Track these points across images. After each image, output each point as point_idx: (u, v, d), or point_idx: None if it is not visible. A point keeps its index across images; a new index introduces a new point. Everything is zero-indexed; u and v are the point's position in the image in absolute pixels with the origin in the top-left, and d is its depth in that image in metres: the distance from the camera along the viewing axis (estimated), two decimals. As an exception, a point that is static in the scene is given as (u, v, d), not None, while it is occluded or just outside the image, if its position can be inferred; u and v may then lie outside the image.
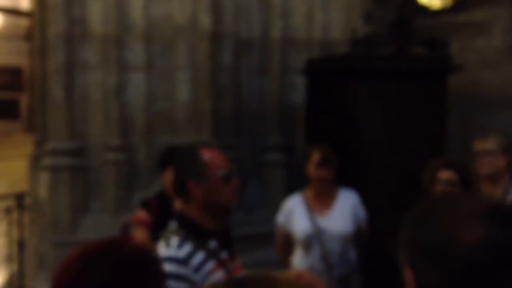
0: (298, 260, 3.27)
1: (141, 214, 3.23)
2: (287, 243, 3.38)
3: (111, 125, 5.24)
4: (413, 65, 4.70)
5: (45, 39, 5.49)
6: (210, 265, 1.96)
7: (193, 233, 1.99)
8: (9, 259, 5.12)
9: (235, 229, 5.41)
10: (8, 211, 5.01)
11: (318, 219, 3.23)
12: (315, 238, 3.19)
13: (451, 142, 4.92)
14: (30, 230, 5.45)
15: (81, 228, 5.11)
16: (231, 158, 5.50)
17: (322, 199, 3.31)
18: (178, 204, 3.15)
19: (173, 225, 2.04)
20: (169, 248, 1.94)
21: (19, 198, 5.02)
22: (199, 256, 1.95)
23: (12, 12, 18.85)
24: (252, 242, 5.07)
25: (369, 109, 4.60)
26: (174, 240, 1.97)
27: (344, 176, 4.24)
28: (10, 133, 17.85)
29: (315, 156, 3.27)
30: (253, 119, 5.75)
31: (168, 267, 1.84)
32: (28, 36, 15.25)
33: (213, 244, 2.01)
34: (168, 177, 3.21)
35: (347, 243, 3.24)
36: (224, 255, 2.03)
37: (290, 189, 4.66)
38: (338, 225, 3.22)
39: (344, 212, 3.27)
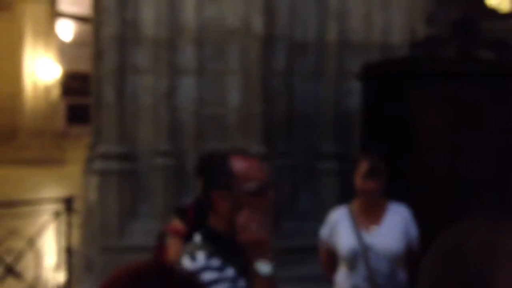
0: (342, 278, 3.02)
1: (177, 224, 3.08)
2: (331, 259, 3.13)
3: (161, 129, 5.16)
4: (478, 68, 4.35)
5: (98, 42, 5.48)
6: (242, 283, 1.78)
7: (222, 248, 1.81)
8: (57, 263, 5.09)
9: (284, 240, 5.25)
10: (57, 214, 4.98)
11: (365, 235, 2.96)
12: (361, 255, 2.92)
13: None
14: (79, 234, 5.43)
15: (129, 233, 5.04)
16: (282, 166, 5.37)
17: (369, 213, 3.04)
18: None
19: (197, 239, 1.86)
20: (196, 261, 1.77)
21: (68, 202, 4.99)
22: (230, 272, 1.77)
23: (82, 19, 19.46)
24: (302, 255, 4.85)
25: (431, 115, 4.29)
26: (201, 255, 1.78)
27: (399, 188, 3.97)
28: (81, 137, 18.32)
29: (363, 166, 3.01)
30: (307, 125, 5.53)
31: (206, 276, 1.70)
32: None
33: (240, 261, 1.81)
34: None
35: (396, 262, 2.95)
36: (245, 280, 1.82)
37: (343, 199, 4.41)
38: (387, 243, 2.94)
39: (393, 228, 2.99)
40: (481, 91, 4.38)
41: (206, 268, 1.73)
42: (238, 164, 1.84)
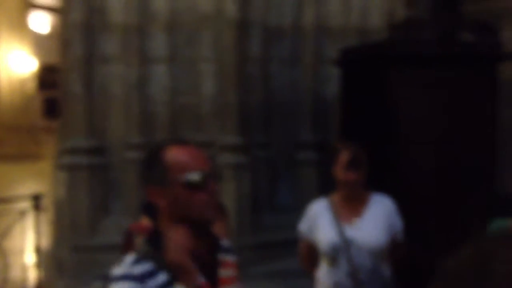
0: (323, 274, 2.84)
1: (145, 221, 2.87)
2: (311, 254, 2.95)
3: (132, 121, 4.94)
4: (460, 51, 4.18)
5: (66, 31, 5.22)
6: None
7: (159, 250, 1.59)
8: (26, 264, 4.86)
9: (263, 233, 5.07)
10: (23, 213, 4.74)
11: (346, 229, 2.78)
12: (342, 250, 2.74)
13: (508, 139, 4.39)
14: (50, 233, 5.20)
15: (100, 231, 4.82)
16: (260, 156, 5.18)
17: (351, 206, 2.85)
18: None
19: (138, 240, 1.65)
20: (122, 266, 1.57)
21: (35, 199, 4.75)
22: (161, 278, 1.56)
23: (59, 11, 18.99)
24: (281, 249, 4.68)
25: (411, 101, 4.12)
26: (130, 258, 1.58)
27: (380, 179, 3.80)
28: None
29: (343, 157, 2.82)
30: (284, 114, 5.34)
31: (119, 286, 1.51)
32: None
33: None
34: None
35: (379, 257, 2.77)
36: (199, 279, 1.60)
37: (323, 191, 4.25)
38: (369, 236, 2.76)
39: (376, 221, 2.81)
40: (464, 75, 4.21)
41: (125, 277, 1.53)
42: (174, 154, 1.61)
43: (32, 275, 4.86)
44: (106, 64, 4.94)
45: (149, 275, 1.54)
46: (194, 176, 1.59)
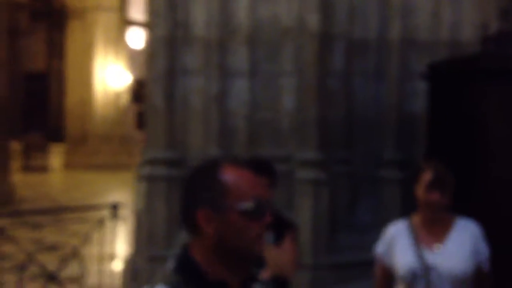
0: (400, 301, 2.65)
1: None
2: (387, 279, 2.77)
3: (212, 134, 4.93)
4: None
5: (150, 45, 5.33)
6: None
7: (193, 283, 1.42)
8: (101, 271, 4.95)
9: (341, 253, 4.88)
10: (100, 221, 4.84)
11: (427, 254, 2.58)
12: (421, 277, 2.54)
13: None
14: (128, 242, 5.28)
15: (177, 243, 4.82)
16: (340, 173, 5.01)
17: (432, 229, 2.65)
18: None
19: (168, 266, 1.47)
20: None
21: (114, 208, 4.85)
22: None
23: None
24: (359, 270, 4.47)
25: (502, 118, 3.82)
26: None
27: (469, 202, 3.53)
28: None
29: (426, 176, 2.63)
30: (367, 130, 5.14)
31: None
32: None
33: None
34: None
35: (462, 286, 2.55)
36: None
37: (406, 211, 4.02)
38: (452, 263, 2.55)
39: (460, 247, 2.58)
40: None
41: None
42: (232, 177, 1.44)
43: (108, 282, 4.93)
44: (187, 77, 4.97)
45: None
46: (252, 205, 1.42)
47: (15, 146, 15.99)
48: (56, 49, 19.99)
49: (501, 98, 3.84)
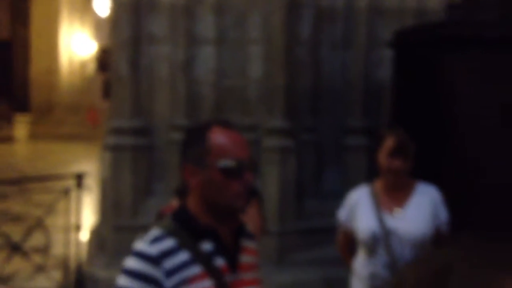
0: (361, 264, 2.70)
1: (175, 203, 2.79)
2: (349, 243, 2.82)
3: (178, 102, 4.87)
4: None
5: (114, 12, 5.20)
6: (194, 270, 1.53)
7: (185, 228, 1.57)
8: (65, 242, 4.91)
9: (307, 220, 4.93)
10: (66, 191, 4.78)
11: (387, 218, 2.62)
12: (382, 240, 2.59)
13: None
14: (94, 212, 5.24)
15: (143, 212, 4.80)
16: (307, 141, 5.02)
17: (394, 194, 2.69)
18: None
19: (168, 217, 1.64)
20: (142, 241, 1.55)
21: (78, 178, 4.78)
22: (180, 257, 1.53)
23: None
24: (325, 235, 4.52)
25: (470, 87, 3.86)
26: (153, 233, 1.56)
27: (434, 170, 3.59)
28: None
29: (388, 143, 2.66)
30: (334, 98, 5.15)
31: (131, 263, 1.52)
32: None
33: (207, 246, 1.57)
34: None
35: (422, 249, 2.61)
36: (219, 262, 1.58)
37: (372, 177, 4.07)
38: (412, 227, 2.60)
39: (420, 211, 2.64)
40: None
41: (139, 254, 1.53)
42: (216, 137, 1.59)
43: (74, 252, 4.90)
44: (153, 45, 4.89)
45: (168, 254, 1.52)
46: (232, 164, 1.56)
47: (-22, 116, 15.63)
48: (20, 16, 19.47)
49: (466, 66, 3.87)
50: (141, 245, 1.54)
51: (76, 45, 19.01)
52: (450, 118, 3.98)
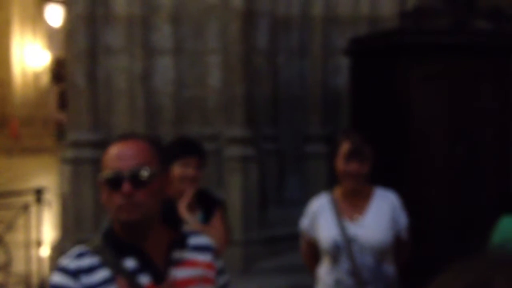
0: (325, 272, 2.71)
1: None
2: (312, 251, 2.83)
3: (137, 114, 4.84)
4: (474, 40, 4.02)
5: (69, 23, 5.14)
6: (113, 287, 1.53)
7: (110, 245, 1.56)
8: (27, 258, 4.81)
9: (271, 228, 4.96)
10: (25, 207, 4.68)
11: (348, 226, 2.64)
12: (344, 248, 2.61)
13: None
14: (55, 227, 5.14)
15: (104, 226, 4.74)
16: (268, 149, 5.06)
17: (353, 201, 2.71)
18: (180, 208, 2.69)
19: (99, 234, 1.64)
20: (66, 257, 1.58)
21: (38, 193, 4.69)
22: (101, 274, 1.53)
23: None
24: (289, 243, 4.56)
25: (423, 92, 3.98)
26: (77, 249, 1.58)
27: (391, 173, 3.67)
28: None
29: (343, 147, 2.67)
30: (293, 106, 5.21)
31: (53, 277, 1.54)
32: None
33: (130, 263, 1.56)
34: (174, 173, 2.73)
35: (383, 255, 2.64)
36: (144, 279, 1.55)
37: (333, 185, 4.13)
38: (372, 234, 2.62)
39: (380, 217, 2.67)
40: (478, 65, 4.05)
41: (61, 269, 1.54)
42: (106, 152, 1.61)
43: (35, 268, 4.80)
44: (110, 57, 4.84)
45: (87, 271, 1.52)
46: (108, 174, 1.55)
47: None
48: (-31, 27, 18.95)
49: (419, 72, 3.98)
50: (63, 260, 1.56)
51: (29, 56, 18.62)
52: (406, 124, 4.08)
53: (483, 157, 4.06)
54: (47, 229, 5.85)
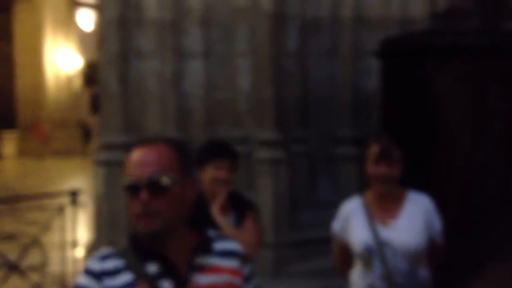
0: (357, 276, 2.70)
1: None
2: (345, 255, 2.82)
3: (168, 117, 4.90)
4: (503, 42, 3.97)
5: (101, 27, 5.23)
6: None
7: (135, 249, 1.54)
8: (62, 259, 4.91)
9: (301, 231, 4.96)
10: (60, 208, 4.79)
11: (380, 230, 2.62)
12: (376, 252, 2.59)
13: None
14: (89, 228, 5.24)
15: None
16: (298, 152, 5.07)
17: (385, 205, 2.69)
18: (214, 209, 2.72)
19: (126, 237, 1.62)
20: (92, 258, 1.57)
21: (73, 195, 4.79)
22: (124, 278, 1.51)
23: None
24: (320, 246, 4.55)
25: (452, 93, 3.94)
26: (102, 251, 1.57)
27: (419, 174, 3.64)
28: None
29: (372, 150, 2.63)
30: (322, 109, 5.21)
31: (79, 278, 1.52)
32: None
33: (152, 268, 1.53)
34: (206, 176, 2.77)
35: (416, 260, 2.61)
36: (166, 285, 1.51)
37: (363, 187, 4.11)
38: (405, 238, 2.59)
39: (413, 221, 2.63)
40: (507, 67, 4.00)
41: (86, 271, 1.53)
42: (129, 155, 1.56)
43: (71, 269, 4.90)
44: (141, 60, 4.92)
45: (110, 273, 1.51)
46: (126, 182, 1.52)
47: (-35, 134, 15.52)
48: (2, 31, 19.37)
49: (450, 73, 3.94)
50: (89, 262, 1.55)
51: (62, 60, 18.96)
52: (437, 125, 4.05)
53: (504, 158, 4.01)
54: (82, 231, 5.96)
